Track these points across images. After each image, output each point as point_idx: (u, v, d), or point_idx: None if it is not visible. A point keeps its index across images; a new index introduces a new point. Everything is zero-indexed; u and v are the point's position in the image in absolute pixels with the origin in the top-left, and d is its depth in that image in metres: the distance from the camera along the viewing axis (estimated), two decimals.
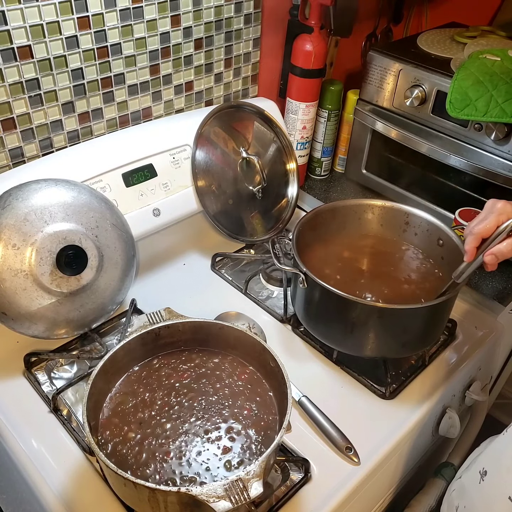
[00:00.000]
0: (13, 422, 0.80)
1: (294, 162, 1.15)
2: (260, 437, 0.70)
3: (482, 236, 0.72)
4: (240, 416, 0.73)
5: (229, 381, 0.77)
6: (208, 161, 1.06)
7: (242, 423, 0.72)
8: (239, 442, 0.70)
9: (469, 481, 0.71)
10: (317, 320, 0.91)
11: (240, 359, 0.79)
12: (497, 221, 0.70)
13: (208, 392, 0.76)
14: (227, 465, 0.68)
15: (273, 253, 0.95)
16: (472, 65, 1.01)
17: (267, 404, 0.74)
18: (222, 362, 0.79)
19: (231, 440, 0.70)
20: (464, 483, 0.73)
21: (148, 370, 0.78)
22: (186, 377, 0.77)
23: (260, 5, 1.13)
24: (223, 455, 0.68)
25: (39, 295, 0.81)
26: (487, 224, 0.70)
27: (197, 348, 0.81)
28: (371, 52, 1.15)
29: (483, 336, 1.00)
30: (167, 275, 1.08)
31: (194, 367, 0.79)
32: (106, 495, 0.72)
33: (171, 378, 0.77)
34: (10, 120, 0.91)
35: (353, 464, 0.78)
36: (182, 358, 0.80)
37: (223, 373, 0.78)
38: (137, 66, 1.01)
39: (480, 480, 0.67)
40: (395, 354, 0.91)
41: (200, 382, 0.77)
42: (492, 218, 0.70)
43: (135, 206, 0.98)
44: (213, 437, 0.70)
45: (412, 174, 1.21)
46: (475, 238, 0.72)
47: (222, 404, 0.74)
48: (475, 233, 0.72)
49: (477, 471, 0.68)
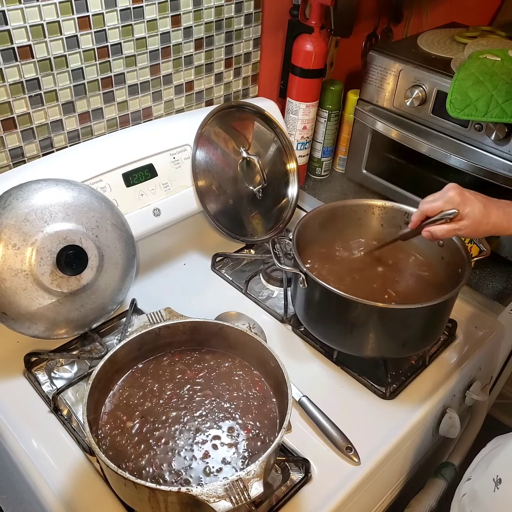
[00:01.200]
0: (13, 422, 0.80)
1: (294, 162, 1.15)
2: (248, 452, 0.69)
3: (427, 214, 0.82)
4: (240, 432, 0.72)
5: (245, 392, 0.76)
6: (209, 161, 1.06)
7: (239, 437, 0.71)
8: (225, 451, 0.69)
9: (482, 488, 0.71)
10: (317, 320, 0.91)
11: (255, 371, 0.79)
12: (442, 207, 0.79)
13: (223, 397, 0.75)
14: (207, 471, 0.67)
15: (273, 253, 0.95)
16: (472, 65, 1.01)
17: (272, 425, 0.73)
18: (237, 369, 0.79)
19: (218, 447, 0.70)
20: (477, 490, 0.72)
21: (156, 365, 0.79)
22: (201, 376, 0.78)
23: (261, 5, 1.13)
24: (206, 459, 0.68)
25: (39, 295, 0.81)
26: (434, 207, 0.80)
27: (205, 349, 0.81)
28: (371, 52, 1.15)
29: (483, 336, 1.00)
30: (167, 275, 1.08)
31: (208, 367, 0.79)
32: (106, 495, 0.72)
33: (185, 374, 0.78)
34: (10, 120, 0.91)
35: (353, 464, 0.78)
36: (194, 356, 0.81)
37: (240, 382, 0.77)
38: (138, 66, 1.01)
39: (495, 488, 0.67)
40: (395, 354, 0.91)
41: (216, 384, 0.77)
42: (440, 203, 0.79)
43: (135, 206, 0.98)
44: (208, 438, 0.71)
45: (412, 174, 1.21)
46: (421, 214, 0.82)
47: (229, 413, 0.74)
48: (421, 210, 0.82)
49: (491, 479, 0.68)
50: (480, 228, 0.79)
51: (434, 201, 0.80)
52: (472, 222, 0.78)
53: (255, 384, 0.77)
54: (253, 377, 0.78)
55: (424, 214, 0.81)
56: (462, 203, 0.78)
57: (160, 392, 0.76)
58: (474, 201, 0.78)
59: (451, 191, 0.78)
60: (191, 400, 0.75)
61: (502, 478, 0.67)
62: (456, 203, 0.78)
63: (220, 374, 0.78)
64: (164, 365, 0.79)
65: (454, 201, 0.78)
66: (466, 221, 0.78)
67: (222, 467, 0.67)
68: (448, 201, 0.78)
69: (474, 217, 0.78)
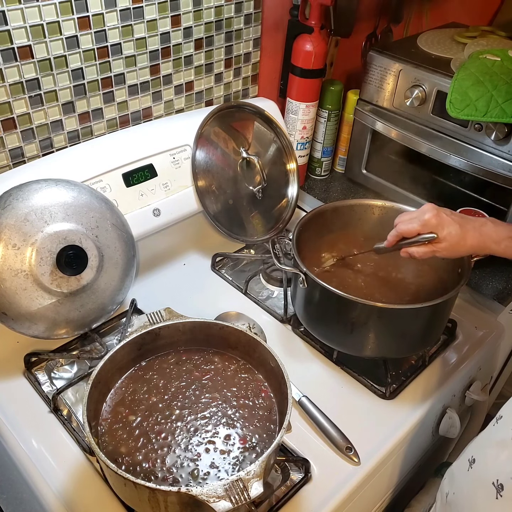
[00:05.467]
0: (13, 422, 0.80)
1: (294, 162, 1.15)
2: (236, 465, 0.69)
3: (404, 236, 0.82)
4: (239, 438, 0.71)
5: (251, 400, 0.76)
6: (208, 161, 1.06)
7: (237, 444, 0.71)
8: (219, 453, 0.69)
9: (458, 469, 0.74)
10: (317, 320, 0.91)
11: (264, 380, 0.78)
12: (419, 230, 0.79)
13: (230, 402, 0.75)
14: (195, 473, 0.67)
15: (273, 253, 0.95)
16: (472, 65, 1.01)
17: (269, 437, 0.72)
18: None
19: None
20: (454, 471, 0.75)
21: (162, 362, 0.79)
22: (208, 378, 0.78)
23: (260, 5, 1.13)
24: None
25: (39, 295, 0.81)
26: (411, 229, 0.80)
27: (213, 350, 0.81)
28: (371, 52, 1.15)
29: (483, 336, 1.00)
30: (167, 275, 1.08)
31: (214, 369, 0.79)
32: (106, 495, 0.72)
33: (191, 374, 0.78)
34: (10, 120, 0.91)
35: (353, 464, 0.78)
36: (202, 356, 0.81)
37: (248, 389, 0.77)
38: (137, 66, 1.01)
39: (469, 468, 0.70)
40: (395, 354, 0.91)
41: (224, 388, 0.77)
42: (416, 226, 0.79)
43: (135, 206, 0.98)
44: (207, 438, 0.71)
45: (412, 174, 1.21)
46: (397, 235, 0.82)
47: (232, 420, 0.73)
48: (398, 232, 0.82)
49: (466, 459, 0.71)
50: (457, 249, 0.80)
51: (410, 222, 0.80)
52: (449, 244, 0.79)
53: (262, 391, 0.76)
54: (258, 382, 0.77)
55: (401, 236, 0.82)
56: (440, 226, 0.78)
57: (165, 389, 0.76)
58: (450, 223, 0.79)
59: (428, 213, 0.79)
60: (198, 400, 0.75)
61: (476, 458, 0.69)
62: (433, 226, 0.78)
63: (227, 378, 0.78)
64: (171, 363, 0.79)
65: (431, 224, 0.78)
66: (444, 243, 0.79)
67: (210, 471, 0.67)
68: (425, 224, 0.78)
69: (451, 240, 0.79)
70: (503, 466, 0.64)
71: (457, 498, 0.72)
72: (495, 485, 0.63)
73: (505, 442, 0.64)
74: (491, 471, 0.65)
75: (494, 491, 0.63)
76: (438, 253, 0.80)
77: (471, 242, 0.79)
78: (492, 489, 0.64)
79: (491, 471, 0.65)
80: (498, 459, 0.65)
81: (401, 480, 0.93)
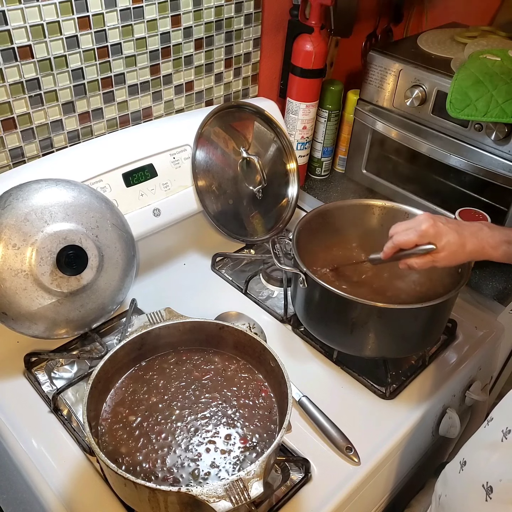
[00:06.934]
0: (13, 422, 0.80)
1: (294, 162, 1.15)
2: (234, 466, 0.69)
3: (401, 247, 0.80)
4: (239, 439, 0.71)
5: (252, 399, 0.76)
6: (208, 161, 1.06)
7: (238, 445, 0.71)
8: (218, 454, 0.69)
9: (450, 471, 0.74)
10: (317, 320, 0.91)
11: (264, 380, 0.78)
12: (417, 241, 0.77)
13: (230, 402, 0.75)
14: (196, 473, 0.67)
15: (273, 253, 0.95)
16: (472, 65, 1.01)
17: (269, 437, 0.72)
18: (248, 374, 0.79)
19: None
20: (446, 473, 0.75)
21: (162, 362, 0.79)
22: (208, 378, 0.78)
23: (260, 5, 1.13)
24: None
25: (39, 295, 0.81)
26: (408, 241, 0.78)
27: (213, 350, 0.81)
28: (371, 52, 1.15)
29: (483, 336, 1.00)
30: (167, 275, 1.08)
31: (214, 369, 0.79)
32: (106, 495, 0.72)
33: (191, 374, 0.78)
34: (10, 120, 0.91)
35: (353, 464, 0.78)
36: (202, 356, 0.81)
37: (249, 388, 0.77)
38: (138, 66, 1.01)
39: (460, 470, 0.70)
40: (395, 354, 0.91)
41: (225, 387, 0.77)
42: (414, 237, 0.77)
43: (135, 206, 0.98)
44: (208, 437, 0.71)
45: (412, 174, 1.21)
46: (394, 247, 0.80)
47: (233, 420, 0.73)
48: (395, 244, 0.80)
49: (458, 461, 0.71)
50: (456, 257, 0.79)
51: (407, 233, 0.78)
52: (448, 253, 0.77)
53: (262, 391, 0.76)
54: (258, 382, 0.77)
55: (398, 247, 0.80)
56: (438, 236, 0.77)
57: (165, 389, 0.76)
58: (448, 232, 0.77)
59: (425, 224, 0.77)
60: (198, 400, 0.75)
61: (467, 460, 0.69)
62: (431, 236, 0.77)
63: (227, 377, 0.78)
64: (171, 363, 0.80)
65: (429, 235, 0.77)
66: (443, 253, 0.77)
67: (210, 471, 0.67)
68: (422, 235, 0.77)
69: (450, 248, 0.77)
70: (493, 468, 0.63)
71: (449, 500, 0.72)
72: (485, 487, 0.63)
73: (495, 444, 0.64)
74: (481, 473, 0.65)
75: (484, 493, 0.63)
76: (438, 263, 0.79)
77: (470, 248, 0.78)
78: (482, 492, 0.63)
79: (482, 473, 0.65)
80: (488, 461, 0.65)
81: (401, 480, 0.93)
